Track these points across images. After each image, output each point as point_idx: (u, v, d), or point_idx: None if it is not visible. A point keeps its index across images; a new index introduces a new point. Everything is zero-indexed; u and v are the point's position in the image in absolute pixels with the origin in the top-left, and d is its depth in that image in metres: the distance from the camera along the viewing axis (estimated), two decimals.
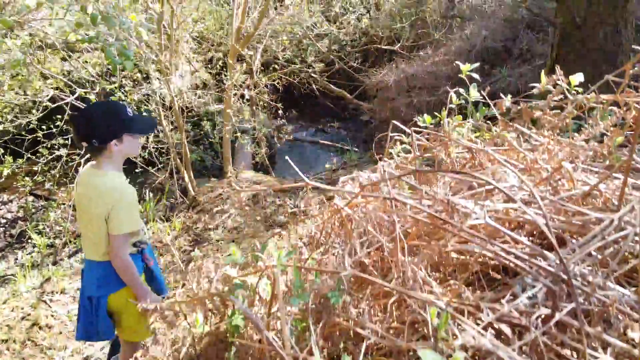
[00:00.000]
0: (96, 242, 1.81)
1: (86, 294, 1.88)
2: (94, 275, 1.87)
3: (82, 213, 1.85)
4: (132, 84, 4.45)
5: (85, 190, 1.81)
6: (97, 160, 1.81)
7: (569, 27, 4.04)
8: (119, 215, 1.72)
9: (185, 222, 4.32)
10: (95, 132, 1.73)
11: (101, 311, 1.86)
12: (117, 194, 1.74)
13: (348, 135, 8.36)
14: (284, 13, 4.67)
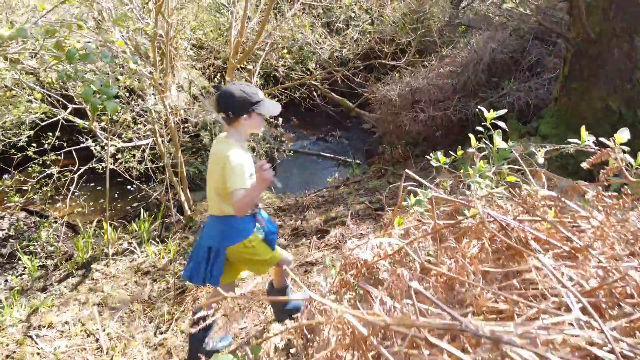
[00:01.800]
0: (216, 199, 2.16)
1: (206, 244, 2.23)
2: (217, 228, 2.22)
3: (209, 174, 2.20)
4: (127, 97, 4.27)
5: (213, 154, 2.18)
6: (228, 130, 2.18)
7: (583, 42, 3.86)
8: (229, 174, 2.01)
9: (181, 244, 4.14)
10: (232, 105, 2.10)
11: (220, 259, 2.19)
12: (227, 156, 2.03)
13: (350, 144, 8.18)
14: (283, 24, 4.48)
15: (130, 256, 4.13)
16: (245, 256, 2.25)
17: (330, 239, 3.75)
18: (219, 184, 2.09)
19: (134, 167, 4.93)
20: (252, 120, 2.14)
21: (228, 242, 2.19)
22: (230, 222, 2.17)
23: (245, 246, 2.20)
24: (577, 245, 1.00)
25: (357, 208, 4.19)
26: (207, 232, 2.27)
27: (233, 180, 2.00)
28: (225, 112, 2.11)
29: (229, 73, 3.93)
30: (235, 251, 2.21)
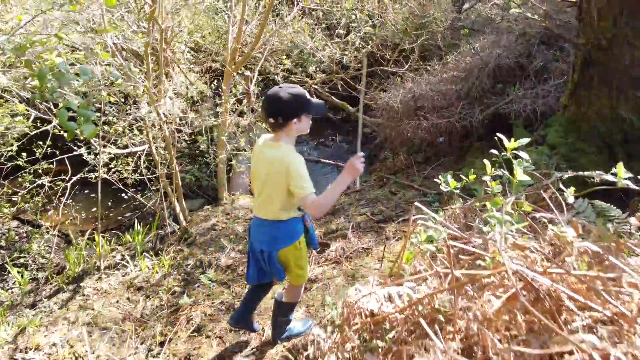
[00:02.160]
0: (271, 204, 2.14)
1: (258, 247, 2.27)
2: (266, 232, 2.23)
3: (258, 179, 2.17)
4: (122, 101, 4.13)
5: (262, 160, 2.13)
6: (276, 134, 2.11)
7: (593, 48, 3.71)
8: (297, 180, 1.99)
9: (176, 257, 4.00)
10: (281, 110, 2.03)
11: (273, 262, 2.24)
12: (289, 162, 2.00)
13: (350, 149, 8.03)
14: (282, 29, 4.33)
15: (123, 270, 3.98)
16: (291, 258, 2.27)
17: (330, 254, 3.60)
18: (280, 190, 2.07)
19: (129, 175, 4.79)
20: (301, 123, 2.11)
21: (281, 245, 2.24)
22: (282, 226, 2.20)
23: (295, 248, 2.25)
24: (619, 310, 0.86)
25: (359, 220, 4.05)
26: (258, 236, 2.29)
27: (303, 186, 2.00)
28: (274, 117, 2.05)
29: (225, 81, 3.79)
30: (285, 253, 2.25)
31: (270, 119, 2.06)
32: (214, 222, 4.30)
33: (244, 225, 4.24)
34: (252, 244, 2.33)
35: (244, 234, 4.12)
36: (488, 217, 1.33)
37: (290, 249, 2.24)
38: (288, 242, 2.23)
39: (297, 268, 2.30)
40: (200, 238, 4.15)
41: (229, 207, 4.59)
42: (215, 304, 3.22)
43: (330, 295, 3.07)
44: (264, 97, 2.13)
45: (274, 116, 2.04)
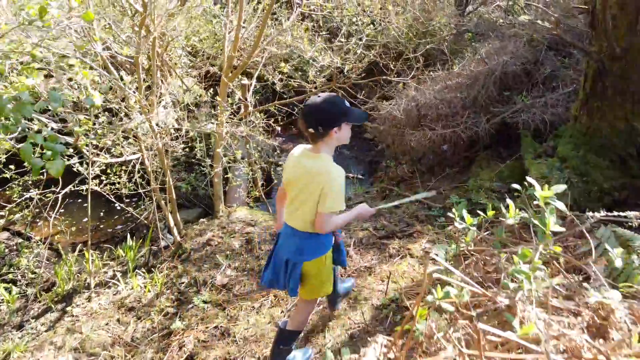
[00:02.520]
0: (303, 214, 2.11)
1: (284, 255, 2.23)
2: (295, 242, 2.19)
3: (293, 188, 2.14)
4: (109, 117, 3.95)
5: (300, 169, 2.09)
6: (316, 144, 2.07)
7: (607, 57, 3.53)
8: (329, 195, 1.98)
9: (169, 275, 3.83)
10: (322, 120, 1.99)
11: (295, 274, 2.19)
12: (329, 175, 1.99)
13: (351, 155, 7.86)
14: (280, 36, 4.16)
15: (114, 287, 3.82)
16: (314, 272, 2.23)
17: None
18: (314, 201, 2.05)
19: (122, 185, 4.62)
20: (342, 132, 2.06)
21: (308, 257, 2.20)
22: (313, 238, 2.18)
23: (321, 262, 2.22)
24: None
25: (361, 235, 3.87)
26: (286, 244, 2.25)
27: (332, 203, 2.00)
28: (314, 127, 2.00)
29: (221, 91, 3.61)
30: (309, 266, 2.21)
31: (310, 129, 2.01)
32: (209, 237, 4.13)
33: (240, 240, 4.07)
34: (279, 250, 2.30)
35: (240, 250, 3.95)
36: (515, 272, 1.16)
37: (315, 263, 2.21)
38: (314, 255, 2.20)
39: (317, 281, 2.26)
40: (195, 254, 3.98)
41: (225, 220, 4.42)
42: (209, 328, 3.05)
43: (332, 320, 2.90)
44: (302, 107, 2.10)
45: (314, 126, 1.99)
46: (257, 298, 3.31)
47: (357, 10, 4.58)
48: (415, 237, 3.75)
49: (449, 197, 4.22)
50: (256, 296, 3.34)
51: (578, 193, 3.58)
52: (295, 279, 2.20)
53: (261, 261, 3.76)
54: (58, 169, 1.24)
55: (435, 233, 3.74)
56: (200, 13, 6.11)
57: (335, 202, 2.00)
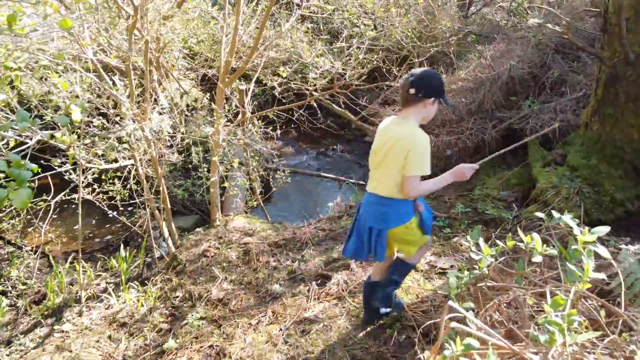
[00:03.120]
0: (388, 179, 2.17)
1: (368, 223, 2.28)
2: (378, 209, 2.25)
3: (378, 153, 2.21)
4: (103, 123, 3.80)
5: (387, 135, 2.16)
6: (406, 111, 2.16)
7: (620, 62, 3.39)
8: (414, 159, 2.03)
9: (163, 288, 3.68)
10: (425, 86, 2.09)
11: (381, 240, 2.26)
12: (414, 139, 2.04)
13: (352, 159, 7.72)
14: (279, 40, 4.01)
15: (106, 301, 3.67)
16: (401, 235, 2.29)
17: (332, 287, 3.28)
18: (398, 167, 2.09)
19: (116, 192, 4.48)
20: (432, 107, 2.16)
21: (392, 224, 2.24)
22: (396, 205, 2.21)
23: (406, 227, 2.26)
24: None
25: None
26: (369, 212, 2.30)
27: (417, 166, 2.04)
28: (417, 89, 2.09)
29: (218, 98, 3.47)
30: (394, 232, 2.27)
31: (412, 89, 2.09)
32: (205, 248, 3.98)
33: (237, 251, 3.92)
34: (361, 219, 2.35)
35: (237, 262, 3.81)
36: (547, 323, 1.01)
37: (401, 229, 2.26)
38: (399, 222, 2.24)
39: (409, 241, 2.32)
40: (190, 266, 3.83)
41: (222, 229, 4.27)
42: (203, 348, 2.90)
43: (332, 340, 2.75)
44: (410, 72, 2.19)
45: (416, 88, 2.08)
46: (254, 314, 3.17)
47: (359, 13, 4.43)
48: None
49: (454, 206, 4.07)
50: (253, 312, 3.19)
51: (589, 204, 3.43)
52: (382, 245, 2.27)
53: (259, 274, 3.61)
54: (23, 200, 1.10)
55: (440, 245, 3.59)
56: (197, 15, 5.97)
57: (421, 165, 2.05)
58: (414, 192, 2.10)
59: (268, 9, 3.52)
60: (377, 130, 2.30)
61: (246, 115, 3.83)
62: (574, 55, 4.98)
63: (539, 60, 4.81)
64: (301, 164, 7.54)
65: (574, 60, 4.83)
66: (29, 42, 1.74)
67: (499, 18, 7.18)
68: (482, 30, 6.61)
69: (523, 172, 4.23)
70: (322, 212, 5.59)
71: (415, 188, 2.09)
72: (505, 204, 4.01)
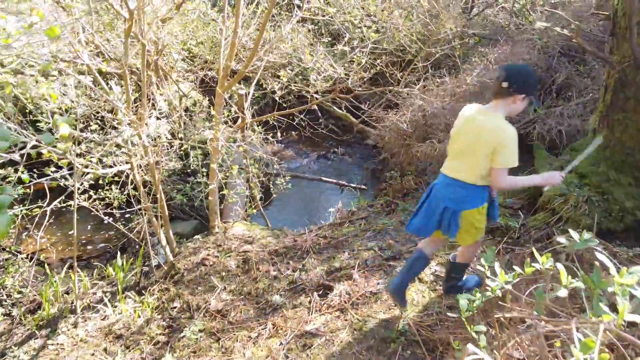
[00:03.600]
0: (470, 167, 2.29)
1: (443, 204, 2.40)
2: (456, 191, 2.36)
3: (462, 142, 2.32)
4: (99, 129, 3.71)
5: (472, 125, 2.26)
6: (495, 103, 2.23)
7: (630, 67, 3.29)
8: (503, 151, 2.12)
9: (160, 298, 3.59)
10: (519, 81, 2.14)
11: (456, 219, 2.39)
12: (504, 132, 2.13)
13: (354, 162, 7.63)
14: (279, 43, 3.91)
15: (102, 311, 3.57)
16: (470, 219, 2.38)
17: (334, 299, 3.19)
18: (483, 157, 2.18)
19: (114, 198, 4.39)
20: (522, 103, 2.20)
21: (468, 206, 2.35)
22: (474, 189, 2.32)
23: (479, 212, 2.37)
24: None
25: (365, 256, 3.63)
26: (446, 193, 2.40)
27: (506, 159, 2.13)
28: (510, 83, 2.13)
29: (216, 103, 3.37)
30: (467, 215, 2.37)
31: (505, 83, 2.13)
32: (204, 256, 3.89)
33: (236, 259, 3.83)
34: (434, 199, 2.45)
35: (236, 271, 3.71)
36: None
37: (474, 212, 2.37)
38: (474, 205, 2.36)
39: (473, 228, 2.41)
40: (189, 275, 3.74)
41: (221, 237, 4.18)
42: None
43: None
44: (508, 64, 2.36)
45: (509, 82, 2.12)
46: (253, 327, 3.07)
47: (361, 15, 4.32)
48: None
49: None
50: (253, 324, 3.10)
51: (598, 212, 3.34)
52: (456, 224, 2.40)
53: (259, 284, 3.52)
54: (2, 228, 1.01)
55: (445, 254, 3.50)
56: (196, 17, 5.87)
57: (509, 158, 2.13)
58: (502, 183, 2.20)
59: (268, 11, 3.43)
60: (459, 116, 2.39)
61: (245, 120, 3.74)
62: (580, 58, 4.89)
63: (544, 64, 4.71)
64: (302, 167, 7.46)
65: (580, 63, 4.73)
66: (17, 49, 1.66)
67: (501, 20, 7.09)
68: (485, 32, 6.52)
69: None
70: (323, 217, 5.50)
71: (504, 180, 2.19)
72: (511, 211, 3.92)
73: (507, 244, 3.40)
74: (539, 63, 4.63)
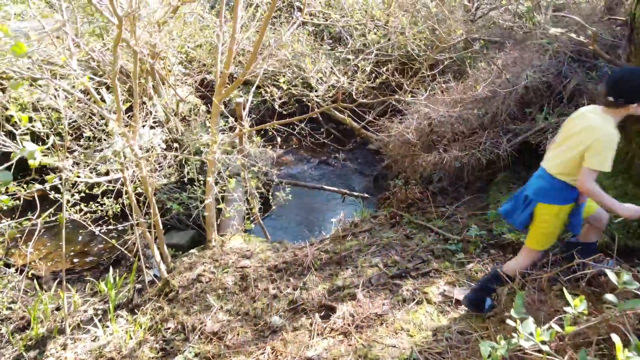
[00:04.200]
0: (562, 160, 2.23)
1: (525, 191, 2.38)
2: (540, 182, 2.32)
3: (565, 133, 2.28)
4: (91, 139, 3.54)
5: (581, 119, 2.22)
6: (607, 110, 2.16)
7: None
8: (597, 153, 2.05)
9: (154, 317, 3.41)
10: (624, 92, 2.05)
11: (528, 210, 2.33)
12: (604, 133, 2.06)
13: (355, 168, 7.45)
14: (278, 50, 3.74)
15: (93, 332, 3.40)
16: (543, 216, 2.29)
17: (337, 321, 3.01)
18: (577, 152, 2.13)
19: (108, 208, 4.22)
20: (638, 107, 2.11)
21: (546, 200, 2.27)
22: (559, 185, 2.25)
23: (555, 212, 2.27)
24: None
25: (370, 273, 3.46)
26: (532, 182, 2.37)
27: (596, 160, 2.06)
28: (615, 97, 2.06)
29: (213, 114, 3.20)
30: (542, 209, 2.29)
31: (610, 97, 2.07)
32: (199, 272, 3.71)
33: (234, 276, 3.65)
34: (527, 185, 2.40)
35: (233, 288, 3.54)
36: None
37: (548, 208, 2.27)
38: (552, 201, 2.26)
39: (542, 228, 2.32)
40: (184, 292, 3.57)
41: (218, 251, 4.01)
42: None
43: None
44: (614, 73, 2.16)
45: (615, 96, 2.05)
46: (251, 351, 2.90)
47: (365, 20, 4.15)
48: (432, 276, 3.33)
49: (467, 226, 3.80)
50: (251, 348, 2.92)
51: (616, 229, 3.16)
52: (528, 214, 2.32)
53: (257, 303, 3.35)
54: None
55: (454, 272, 3.32)
56: (194, 19, 5.70)
57: (602, 162, 2.05)
58: (587, 185, 2.10)
59: (268, 15, 3.25)
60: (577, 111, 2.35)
61: (243, 130, 3.56)
62: (591, 64, 4.71)
63: (554, 69, 4.53)
64: (302, 173, 7.28)
65: (591, 68, 4.55)
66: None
67: (506, 22, 6.90)
68: (491, 35, 6.33)
69: None
70: (325, 227, 5.32)
71: (590, 182, 2.09)
72: None
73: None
74: (549, 68, 4.45)
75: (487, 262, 3.36)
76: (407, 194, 4.68)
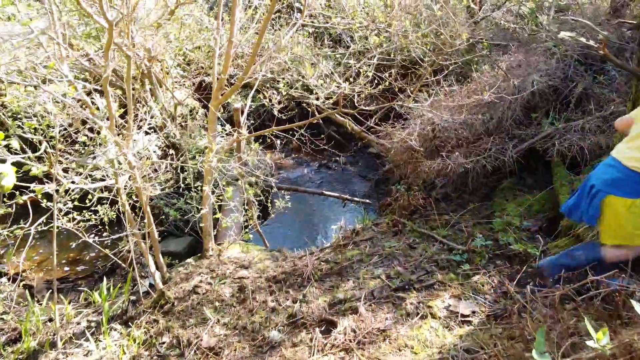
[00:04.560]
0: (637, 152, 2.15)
1: (592, 181, 2.25)
2: (612, 173, 2.19)
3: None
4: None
5: None
6: None
7: None
8: None
9: (148, 331, 3.29)
10: None
11: (595, 201, 2.20)
12: None
13: (356, 172, 7.34)
14: (277, 54, 3.63)
15: (85, 345, 3.28)
16: (616, 210, 2.17)
17: (338, 337, 2.89)
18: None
19: (104, 213, 4.10)
20: None
21: (616, 192, 2.16)
22: (632, 175, 2.13)
23: (626, 205, 2.15)
24: None
25: (372, 285, 3.34)
26: (600, 172, 2.26)
27: None
28: None
29: (210, 120, 3.09)
30: (612, 203, 2.17)
31: None
32: (196, 283, 3.60)
33: (231, 287, 3.54)
34: (591, 176, 2.30)
35: (231, 300, 3.42)
36: None
37: (621, 202, 2.16)
38: (626, 194, 2.15)
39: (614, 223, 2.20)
40: (179, 304, 3.45)
41: (215, 260, 3.89)
42: None
43: None
44: None
45: None
46: None
47: (367, 23, 4.04)
48: (436, 288, 3.22)
49: (472, 236, 3.68)
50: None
51: None
52: (594, 207, 2.20)
53: (255, 316, 3.23)
54: None
55: (459, 284, 3.20)
56: (192, 20, 5.58)
57: None
58: None
59: (267, 17, 3.14)
60: None
61: (240, 136, 3.45)
62: (598, 67, 4.60)
63: (561, 73, 4.42)
64: (302, 178, 7.17)
65: (598, 72, 4.44)
66: None
67: (509, 23, 6.79)
68: (493, 36, 6.22)
69: (546, 197, 3.84)
70: (325, 234, 5.21)
71: None
72: (528, 234, 3.63)
73: (527, 274, 3.11)
74: (557, 72, 4.34)
75: (493, 274, 3.24)
76: (409, 201, 4.57)
